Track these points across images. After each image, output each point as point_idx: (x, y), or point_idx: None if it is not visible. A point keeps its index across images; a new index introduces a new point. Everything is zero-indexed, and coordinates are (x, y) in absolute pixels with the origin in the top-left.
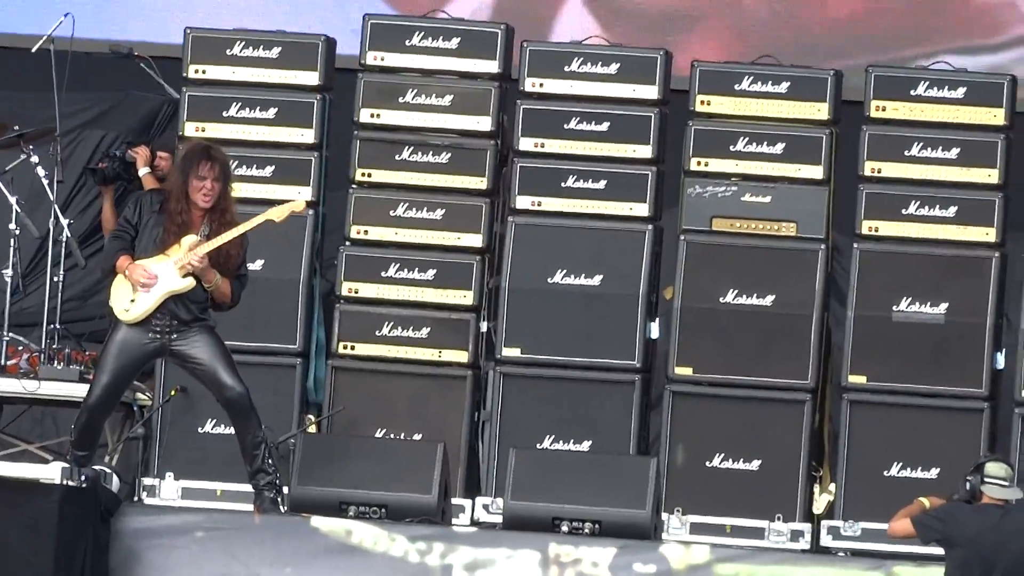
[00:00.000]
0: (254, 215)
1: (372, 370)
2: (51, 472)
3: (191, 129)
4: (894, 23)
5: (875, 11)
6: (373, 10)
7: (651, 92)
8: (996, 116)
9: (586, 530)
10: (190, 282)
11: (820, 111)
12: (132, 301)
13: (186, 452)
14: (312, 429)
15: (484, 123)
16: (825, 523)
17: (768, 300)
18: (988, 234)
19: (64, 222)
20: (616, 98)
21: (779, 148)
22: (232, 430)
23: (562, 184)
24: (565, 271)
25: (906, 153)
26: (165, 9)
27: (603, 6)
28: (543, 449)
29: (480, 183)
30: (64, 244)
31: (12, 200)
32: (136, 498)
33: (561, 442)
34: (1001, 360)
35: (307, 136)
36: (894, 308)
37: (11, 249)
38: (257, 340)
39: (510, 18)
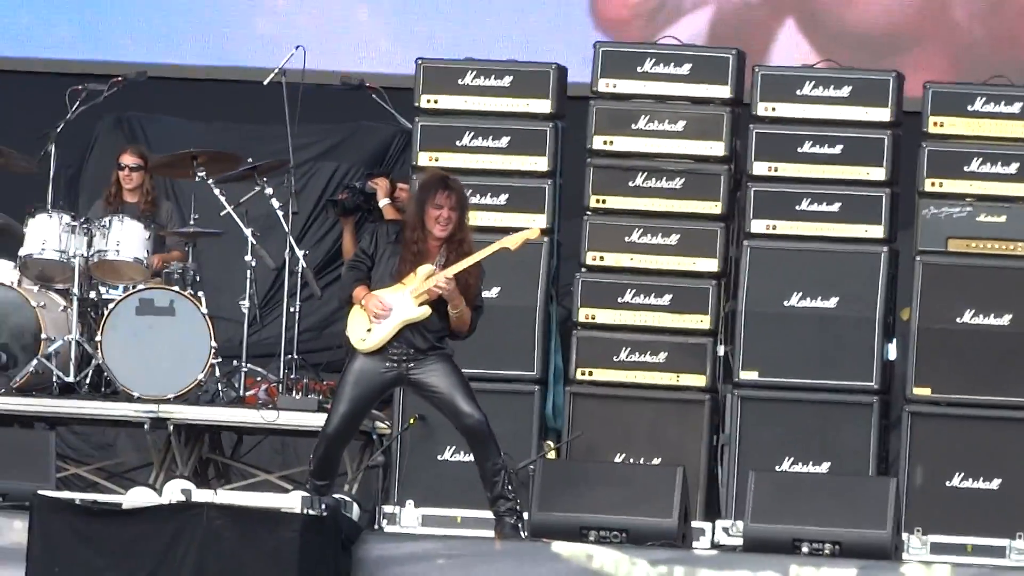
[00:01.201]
0: (489, 243)
1: (610, 395)
2: (292, 501)
3: (424, 159)
4: None
5: None
6: (591, 39)
7: (884, 114)
8: None
9: (827, 551)
10: (426, 311)
11: None
12: (368, 331)
13: (426, 479)
14: (551, 455)
15: (717, 148)
16: None
17: (1006, 319)
18: None
19: (300, 253)
20: (849, 121)
21: (1013, 168)
22: (471, 457)
23: (796, 207)
24: (801, 294)
25: None
26: (394, 41)
27: (818, 31)
28: (782, 471)
29: (715, 208)
30: (300, 275)
31: (247, 232)
32: (377, 526)
33: (800, 464)
34: None
35: (540, 164)
36: None
37: (247, 280)
38: (495, 367)
39: (726, 44)
